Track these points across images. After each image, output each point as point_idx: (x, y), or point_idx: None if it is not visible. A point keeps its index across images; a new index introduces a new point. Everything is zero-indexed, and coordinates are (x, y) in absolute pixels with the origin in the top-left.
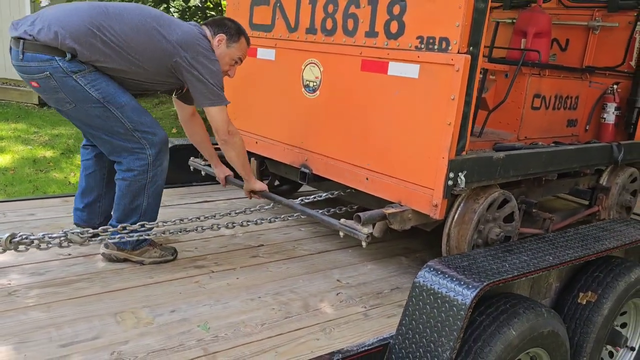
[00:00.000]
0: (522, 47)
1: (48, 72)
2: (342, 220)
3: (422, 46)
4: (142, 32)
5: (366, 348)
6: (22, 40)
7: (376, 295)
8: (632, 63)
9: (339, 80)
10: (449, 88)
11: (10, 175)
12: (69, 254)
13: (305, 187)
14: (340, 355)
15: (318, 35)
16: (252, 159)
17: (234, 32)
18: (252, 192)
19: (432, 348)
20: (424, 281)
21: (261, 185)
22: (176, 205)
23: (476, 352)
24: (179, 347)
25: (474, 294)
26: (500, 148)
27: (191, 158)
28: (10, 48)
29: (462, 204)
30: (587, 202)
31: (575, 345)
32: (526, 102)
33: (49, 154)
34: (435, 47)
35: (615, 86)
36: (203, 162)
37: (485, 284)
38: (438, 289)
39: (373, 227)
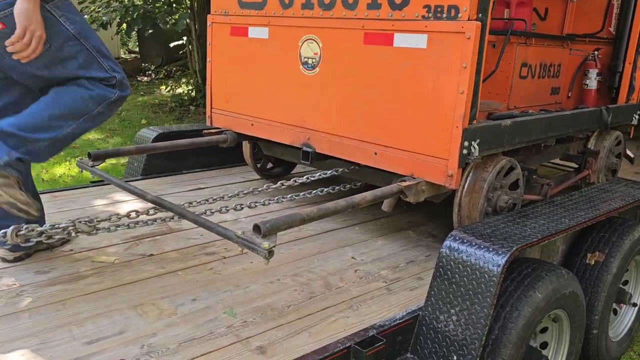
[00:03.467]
0: (507, 17)
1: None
2: (240, 232)
3: (430, 15)
4: None
5: (398, 322)
6: None
7: (393, 270)
8: (611, 29)
9: (341, 55)
10: (461, 56)
11: None
12: (71, 250)
13: (298, 168)
14: (374, 330)
15: (315, 10)
16: (245, 142)
17: None
18: None
19: (466, 316)
20: (450, 251)
21: None
22: (170, 194)
23: (505, 317)
24: (210, 335)
25: (505, 259)
26: (497, 117)
27: (77, 160)
28: None
29: (471, 174)
30: (570, 168)
31: (587, 304)
32: (515, 71)
33: None
34: (444, 15)
35: (596, 52)
36: (91, 163)
37: (515, 248)
38: (466, 257)
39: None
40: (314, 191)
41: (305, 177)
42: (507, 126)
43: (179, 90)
